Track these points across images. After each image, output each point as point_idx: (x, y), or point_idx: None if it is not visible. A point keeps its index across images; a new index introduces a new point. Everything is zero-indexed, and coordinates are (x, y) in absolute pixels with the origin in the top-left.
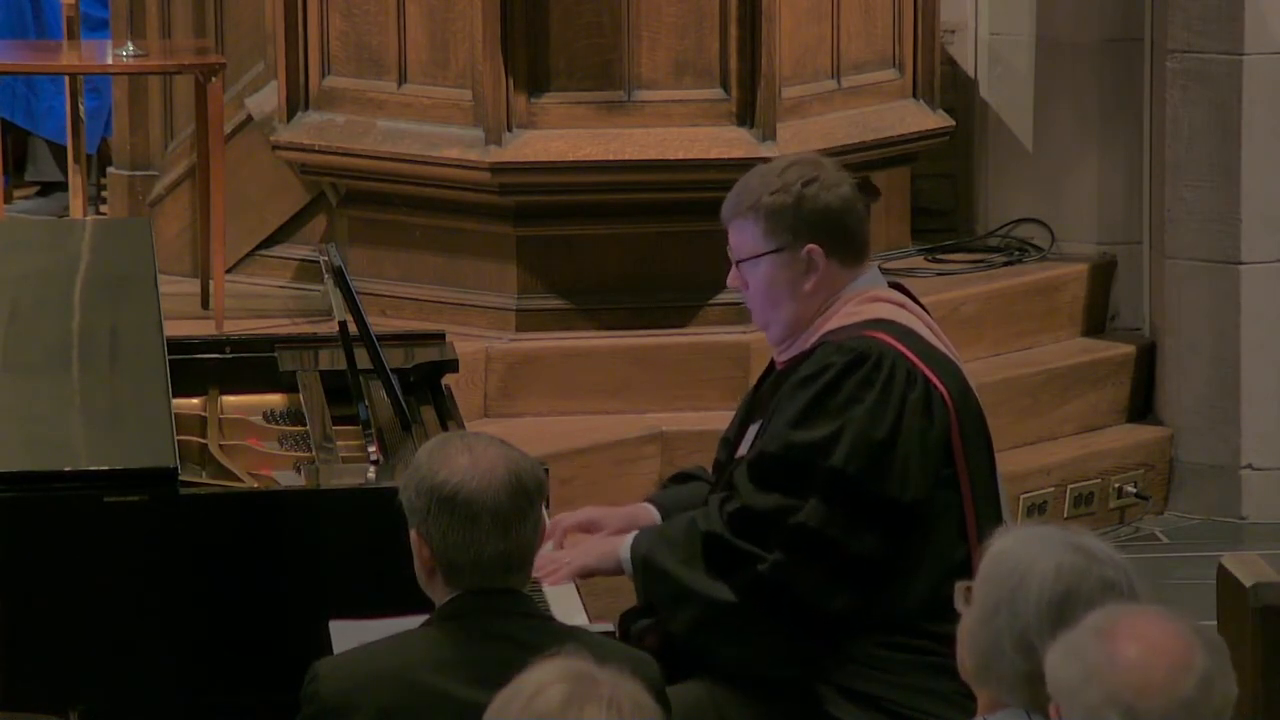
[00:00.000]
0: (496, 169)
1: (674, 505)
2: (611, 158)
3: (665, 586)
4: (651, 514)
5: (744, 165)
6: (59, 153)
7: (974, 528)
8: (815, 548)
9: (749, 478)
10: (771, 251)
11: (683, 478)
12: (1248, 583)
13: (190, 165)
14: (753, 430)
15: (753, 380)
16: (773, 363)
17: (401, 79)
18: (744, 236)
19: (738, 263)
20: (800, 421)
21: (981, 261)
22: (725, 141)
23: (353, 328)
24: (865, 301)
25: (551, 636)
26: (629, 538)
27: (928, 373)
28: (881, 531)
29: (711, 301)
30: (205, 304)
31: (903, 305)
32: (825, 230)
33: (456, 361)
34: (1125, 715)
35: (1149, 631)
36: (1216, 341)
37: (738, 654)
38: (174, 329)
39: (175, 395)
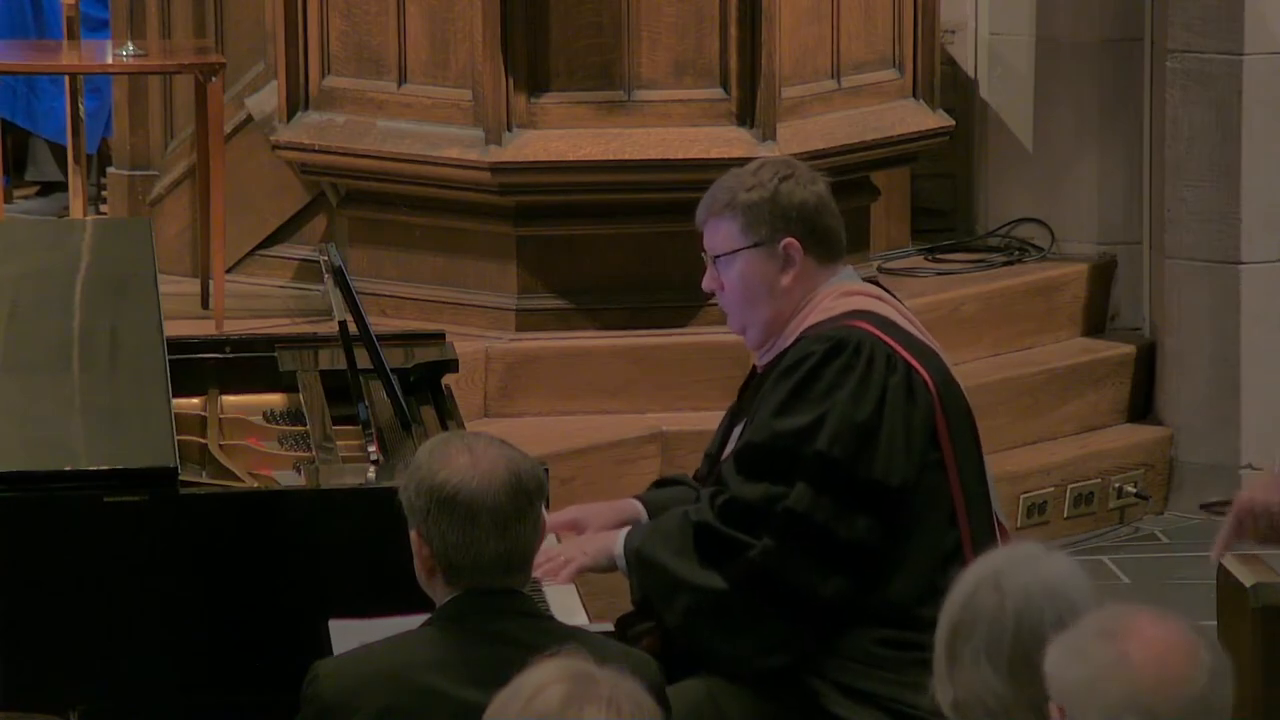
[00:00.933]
0: (496, 169)
1: (659, 504)
2: (611, 158)
3: (659, 578)
4: (637, 507)
5: (744, 165)
6: (59, 153)
7: (964, 515)
8: (804, 533)
9: (736, 469)
10: (749, 246)
11: (666, 482)
12: (1248, 583)
13: (190, 165)
14: (737, 431)
15: None
16: (754, 369)
17: (401, 79)
18: (720, 234)
19: (714, 259)
20: (783, 410)
21: (981, 261)
22: (725, 141)
23: (353, 328)
24: (841, 296)
25: (551, 636)
26: (622, 533)
27: (908, 358)
28: (870, 516)
29: (711, 301)
30: (205, 304)
31: (880, 298)
32: (801, 224)
33: (456, 361)
34: (1145, 714)
35: (1154, 630)
36: (1216, 341)
37: (731, 643)
38: (174, 329)
39: (175, 395)
